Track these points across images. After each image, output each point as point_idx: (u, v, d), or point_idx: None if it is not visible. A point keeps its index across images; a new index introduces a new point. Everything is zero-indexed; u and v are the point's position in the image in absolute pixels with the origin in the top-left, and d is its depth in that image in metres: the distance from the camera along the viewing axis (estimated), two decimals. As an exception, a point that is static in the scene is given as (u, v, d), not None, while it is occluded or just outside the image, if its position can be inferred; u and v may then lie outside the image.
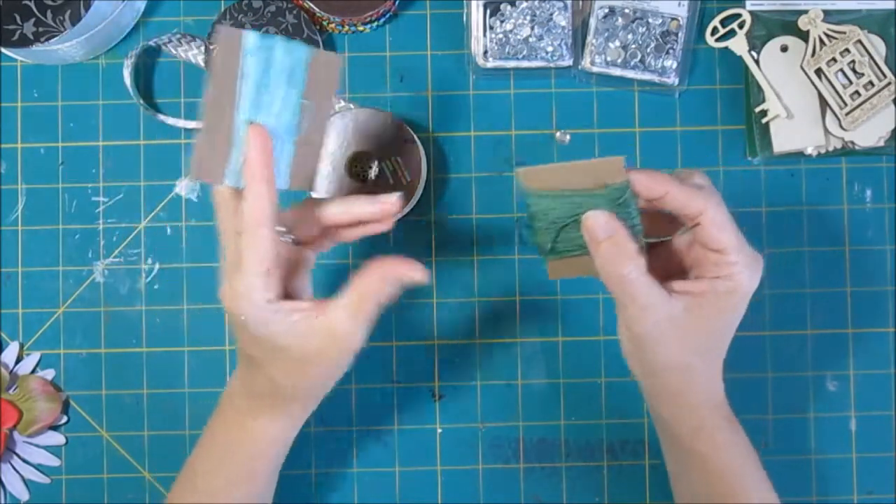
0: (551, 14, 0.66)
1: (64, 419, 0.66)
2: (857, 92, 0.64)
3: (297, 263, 0.52)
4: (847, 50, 0.64)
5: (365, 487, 0.66)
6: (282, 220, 0.50)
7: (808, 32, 0.65)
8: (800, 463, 0.66)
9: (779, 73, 0.66)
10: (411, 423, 0.67)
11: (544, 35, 0.66)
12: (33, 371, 0.67)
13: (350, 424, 0.67)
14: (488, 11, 0.66)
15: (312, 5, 0.64)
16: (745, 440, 0.55)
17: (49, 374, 0.66)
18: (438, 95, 0.67)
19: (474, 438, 0.67)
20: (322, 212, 0.51)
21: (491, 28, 0.66)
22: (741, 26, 0.66)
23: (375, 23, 0.67)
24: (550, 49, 0.66)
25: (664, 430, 0.56)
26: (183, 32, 0.67)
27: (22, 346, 0.67)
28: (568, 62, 0.66)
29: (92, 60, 0.67)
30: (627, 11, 0.66)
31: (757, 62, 0.66)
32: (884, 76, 0.64)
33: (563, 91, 0.67)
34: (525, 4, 0.65)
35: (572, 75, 0.67)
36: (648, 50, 0.66)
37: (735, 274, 0.48)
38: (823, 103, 0.65)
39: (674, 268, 0.52)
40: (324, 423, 0.67)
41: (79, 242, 0.67)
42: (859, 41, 0.64)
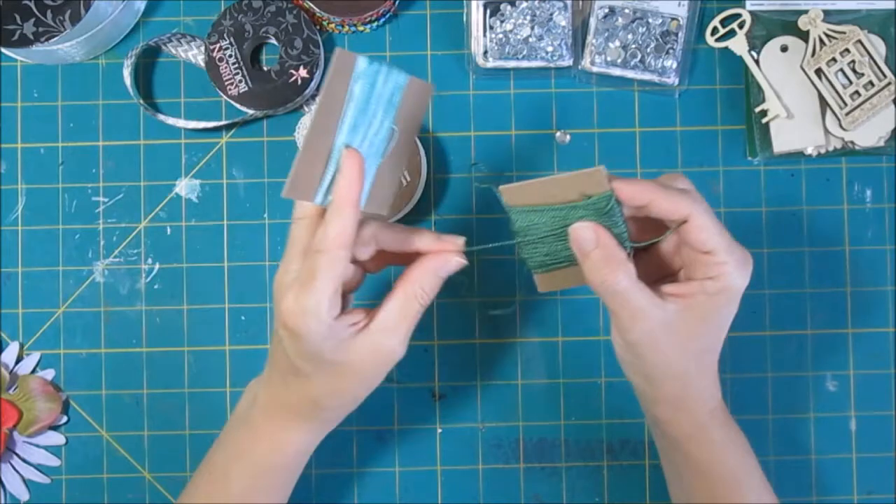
0: (551, 14, 0.66)
1: (64, 419, 0.66)
2: (857, 92, 0.64)
3: (351, 281, 0.52)
4: (847, 50, 0.64)
5: (365, 487, 0.66)
6: None
7: (808, 32, 0.65)
8: (800, 463, 0.66)
9: (779, 73, 0.66)
10: (411, 423, 0.67)
11: (544, 35, 0.66)
12: (33, 371, 0.67)
13: (350, 424, 0.67)
14: (488, 11, 0.66)
15: (312, 5, 0.64)
16: (744, 442, 0.55)
17: (49, 374, 0.66)
18: (438, 95, 0.67)
19: (474, 438, 0.67)
20: (382, 237, 0.51)
21: (491, 28, 0.66)
22: (741, 26, 0.66)
23: (375, 23, 0.67)
24: (550, 49, 0.66)
25: (660, 434, 0.56)
26: (183, 32, 0.67)
27: (22, 346, 0.67)
28: (568, 62, 0.66)
29: (92, 60, 0.67)
30: (627, 11, 0.66)
31: (757, 62, 0.66)
32: (884, 76, 0.64)
33: (563, 91, 0.67)
34: (525, 4, 0.65)
35: (572, 75, 0.67)
36: (648, 50, 0.66)
37: (725, 274, 0.48)
38: (823, 103, 0.65)
39: (663, 271, 0.52)
40: (324, 423, 0.67)
41: (79, 242, 0.67)
42: (859, 41, 0.64)
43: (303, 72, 0.65)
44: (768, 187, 0.67)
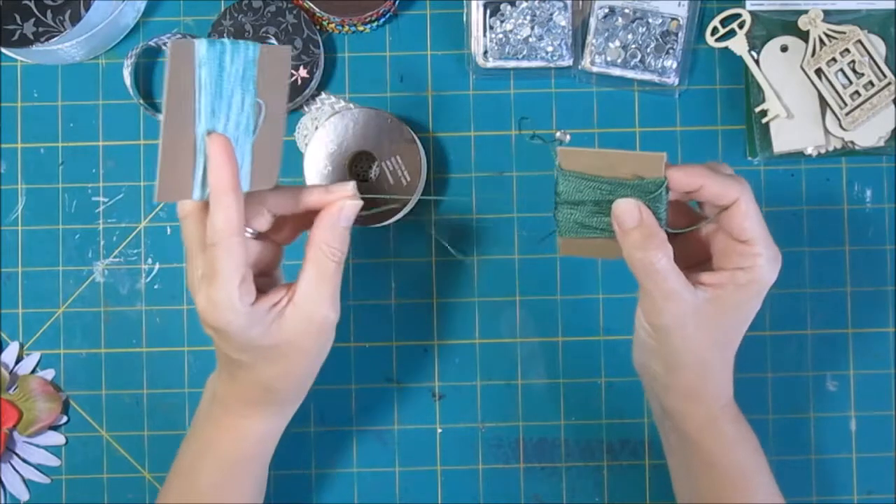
0: (551, 14, 0.66)
1: (64, 419, 0.66)
2: (857, 92, 0.64)
3: (264, 258, 0.51)
4: (847, 50, 0.64)
5: (365, 487, 0.66)
6: None
7: (808, 32, 0.65)
8: (800, 463, 0.66)
9: (779, 73, 0.66)
10: (411, 423, 0.67)
11: (544, 35, 0.66)
12: (33, 371, 0.67)
13: (350, 424, 0.67)
14: (488, 11, 0.66)
15: (312, 5, 0.64)
16: (754, 440, 0.55)
17: (49, 374, 0.66)
18: (438, 95, 0.67)
19: (474, 438, 0.67)
20: (272, 204, 0.50)
21: (491, 28, 0.66)
22: (741, 26, 0.66)
23: (375, 23, 0.67)
24: (550, 49, 0.66)
25: (670, 426, 0.55)
26: (183, 32, 0.67)
27: (22, 346, 0.67)
28: (568, 62, 0.66)
29: (92, 60, 0.67)
30: (627, 11, 0.66)
31: (757, 62, 0.66)
32: (884, 76, 0.64)
33: (563, 91, 0.67)
34: (525, 4, 0.65)
35: (572, 75, 0.67)
36: (648, 50, 0.66)
37: (757, 266, 0.48)
38: (823, 103, 0.65)
39: (690, 261, 0.52)
40: (324, 423, 0.67)
41: (79, 242, 0.67)
42: (859, 41, 0.64)
43: (303, 72, 0.65)
44: (768, 187, 0.67)
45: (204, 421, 0.55)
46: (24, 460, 0.66)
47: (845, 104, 0.64)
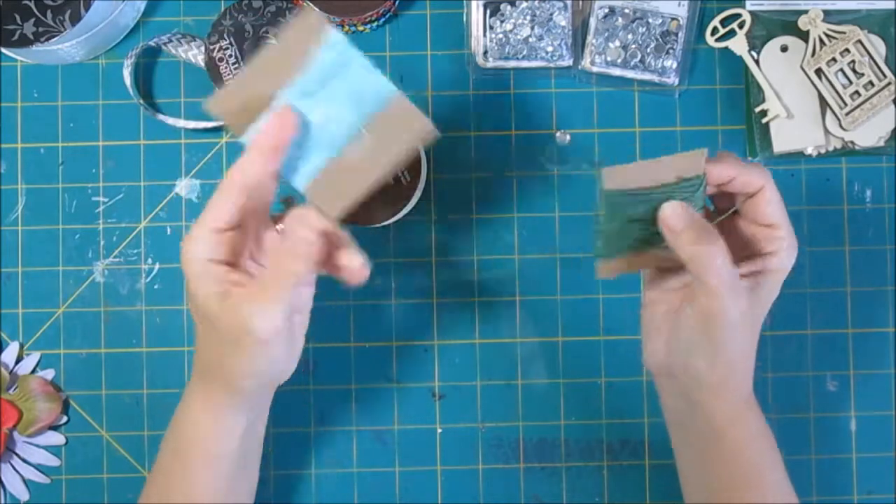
0: (551, 14, 0.66)
1: (64, 419, 0.66)
2: (857, 92, 0.64)
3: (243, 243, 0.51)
4: (847, 50, 0.64)
5: (365, 487, 0.66)
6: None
7: (808, 32, 0.65)
8: (800, 463, 0.66)
9: (779, 73, 0.66)
10: (411, 423, 0.67)
11: (544, 35, 0.66)
12: (33, 371, 0.67)
13: (350, 424, 0.67)
14: (488, 11, 0.66)
15: (312, 5, 0.64)
16: (772, 434, 0.54)
17: (49, 374, 0.66)
18: (438, 95, 0.67)
19: (474, 438, 0.67)
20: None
21: (491, 28, 0.66)
22: (741, 26, 0.66)
23: (375, 23, 0.67)
24: (550, 49, 0.66)
25: (695, 421, 0.54)
26: (183, 32, 0.67)
27: (22, 346, 0.67)
28: (568, 62, 0.66)
29: (92, 60, 0.67)
30: (627, 11, 0.66)
31: (757, 62, 0.66)
32: (884, 76, 0.64)
33: (563, 91, 0.67)
34: (525, 4, 0.65)
35: (572, 75, 0.67)
36: (648, 50, 0.66)
37: (783, 249, 0.50)
38: (823, 103, 0.65)
39: None
40: (324, 423, 0.67)
41: (79, 242, 0.67)
42: (859, 41, 0.64)
43: (303, 72, 0.65)
44: (768, 187, 0.67)
45: (175, 415, 0.55)
46: (24, 460, 0.66)
47: (845, 104, 0.64)
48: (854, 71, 0.65)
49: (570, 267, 0.67)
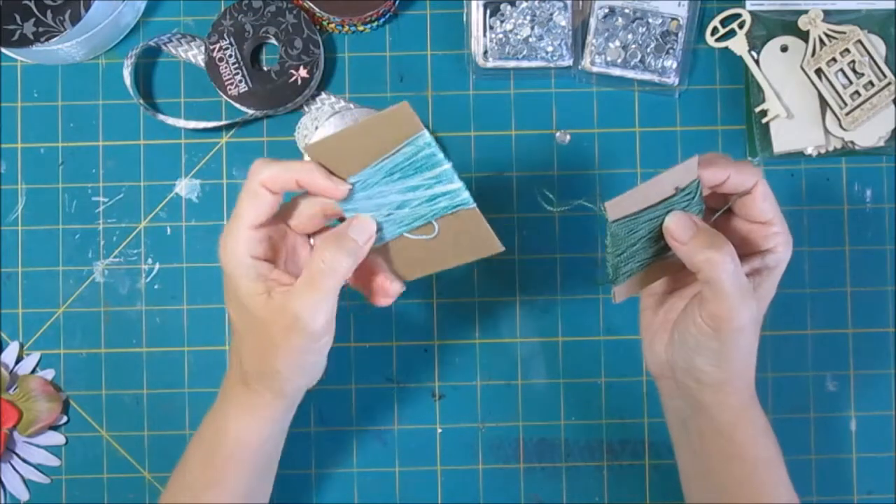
0: (551, 14, 0.66)
1: (64, 419, 0.66)
2: (857, 92, 0.64)
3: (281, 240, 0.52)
4: (847, 50, 0.64)
5: (365, 487, 0.66)
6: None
7: (808, 32, 0.65)
8: (800, 463, 0.66)
9: (779, 73, 0.66)
10: (411, 423, 0.67)
11: (544, 35, 0.66)
12: (33, 371, 0.67)
13: (350, 424, 0.67)
14: (488, 11, 0.66)
15: (312, 5, 0.64)
16: (773, 433, 0.55)
17: (49, 374, 0.66)
18: (438, 95, 0.67)
19: (474, 438, 0.67)
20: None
21: (491, 28, 0.66)
22: (741, 26, 0.66)
23: (375, 23, 0.67)
24: (550, 49, 0.66)
25: (700, 421, 0.54)
26: (183, 32, 0.67)
27: (22, 346, 0.67)
28: (568, 62, 0.66)
29: (92, 60, 0.67)
30: (627, 11, 0.66)
31: (757, 62, 0.66)
32: (884, 76, 0.64)
33: (563, 91, 0.67)
34: (525, 4, 0.65)
35: (572, 75, 0.67)
36: (648, 50, 0.66)
37: (780, 244, 0.50)
38: (823, 103, 0.65)
39: None
40: (324, 423, 0.67)
41: (79, 242, 0.67)
42: (859, 41, 0.64)
43: (303, 72, 0.65)
44: (768, 187, 0.67)
45: (209, 418, 0.55)
46: (24, 460, 0.66)
47: (845, 104, 0.64)
48: (854, 71, 0.65)
49: (570, 267, 0.67)
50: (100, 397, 0.67)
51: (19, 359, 0.67)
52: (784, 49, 0.66)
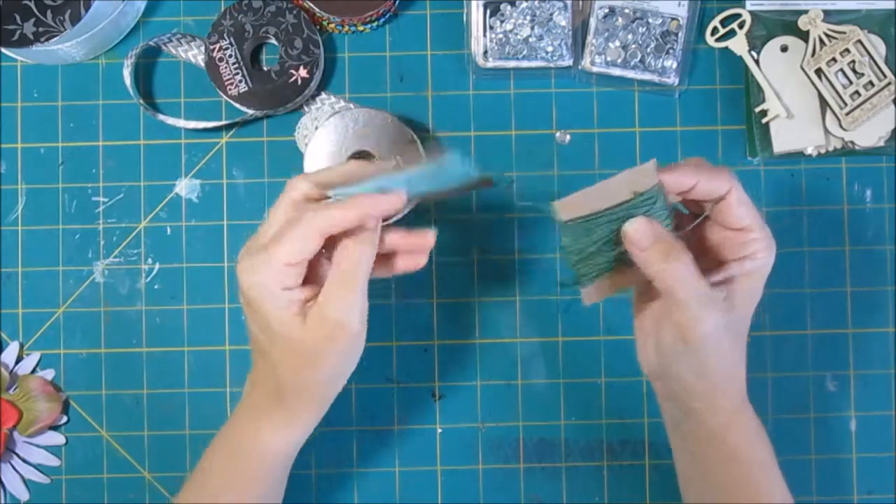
0: (551, 14, 0.66)
1: (64, 419, 0.66)
2: (857, 92, 0.64)
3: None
4: (847, 50, 0.64)
5: (365, 487, 0.66)
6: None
7: (808, 32, 0.65)
8: (800, 463, 0.66)
9: (779, 73, 0.66)
10: (411, 423, 0.67)
11: (544, 35, 0.66)
12: (33, 371, 0.67)
13: (350, 424, 0.67)
14: (488, 11, 0.66)
15: (312, 5, 0.64)
16: (766, 434, 0.54)
17: (49, 374, 0.66)
18: (438, 95, 0.67)
19: (474, 438, 0.67)
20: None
21: (491, 28, 0.66)
22: (741, 26, 0.66)
23: (375, 23, 0.67)
24: (550, 49, 0.66)
25: (692, 426, 0.54)
26: (183, 32, 0.67)
27: (22, 346, 0.67)
28: (568, 62, 0.66)
29: (92, 60, 0.67)
30: (627, 11, 0.66)
31: (757, 62, 0.66)
32: (884, 76, 0.64)
33: (563, 91, 0.67)
34: (525, 4, 0.65)
35: (572, 75, 0.67)
36: (648, 50, 0.66)
37: (758, 251, 0.49)
38: (823, 103, 0.65)
39: None
40: (324, 423, 0.66)
41: (79, 242, 0.67)
42: (859, 41, 0.64)
43: (303, 72, 0.65)
44: (768, 187, 0.67)
45: (228, 421, 0.55)
46: (24, 460, 0.66)
47: (845, 104, 0.64)
48: (854, 71, 0.65)
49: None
50: (100, 397, 0.67)
51: (19, 359, 0.67)
52: (784, 49, 0.66)
